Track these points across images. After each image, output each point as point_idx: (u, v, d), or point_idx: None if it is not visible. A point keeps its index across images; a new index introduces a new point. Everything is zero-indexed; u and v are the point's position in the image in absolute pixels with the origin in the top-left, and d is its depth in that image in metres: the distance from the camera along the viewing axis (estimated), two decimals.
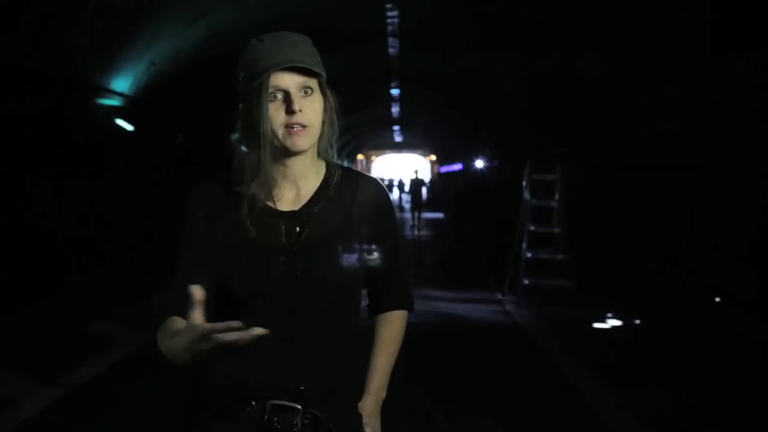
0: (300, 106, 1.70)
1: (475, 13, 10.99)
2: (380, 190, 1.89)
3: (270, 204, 1.79)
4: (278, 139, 1.72)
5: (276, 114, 1.71)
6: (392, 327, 2.00)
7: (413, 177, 22.94)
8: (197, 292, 1.51)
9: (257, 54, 1.72)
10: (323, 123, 1.78)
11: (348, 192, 1.84)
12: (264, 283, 1.72)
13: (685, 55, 8.85)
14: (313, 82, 1.73)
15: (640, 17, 9.11)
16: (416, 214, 22.00)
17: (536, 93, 14.24)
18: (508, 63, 13.35)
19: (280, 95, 1.71)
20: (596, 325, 8.25)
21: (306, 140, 1.73)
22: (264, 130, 1.71)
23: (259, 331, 1.44)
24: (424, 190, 27.96)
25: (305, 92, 1.72)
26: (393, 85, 18.86)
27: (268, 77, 1.69)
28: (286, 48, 1.71)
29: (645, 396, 5.55)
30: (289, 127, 1.71)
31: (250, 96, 1.71)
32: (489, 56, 13.29)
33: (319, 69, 1.73)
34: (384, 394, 1.96)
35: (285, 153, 1.75)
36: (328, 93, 1.78)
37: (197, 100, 13.11)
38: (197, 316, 1.50)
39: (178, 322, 1.67)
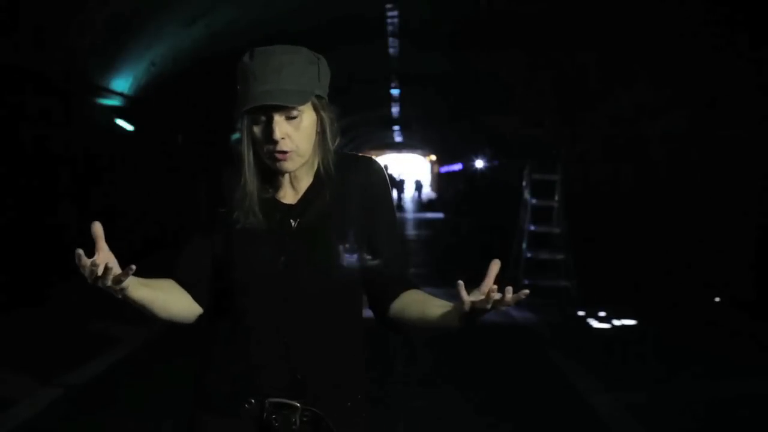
0: (283, 134, 1.68)
1: (475, 13, 10.99)
2: (374, 171, 1.83)
3: (269, 196, 1.80)
4: (267, 161, 1.73)
5: (261, 139, 1.71)
6: (418, 293, 1.84)
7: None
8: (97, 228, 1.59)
9: (244, 76, 1.70)
10: (318, 138, 1.75)
11: (341, 176, 1.80)
12: (257, 271, 1.73)
13: (686, 55, 8.85)
14: (300, 106, 1.69)
15: (641, 17, 9.11)
16: None
17: (537, 92, 14.24)
18: (509, 62, 13.35)
19: (264, 118, 1.69)
20: (596, 325, 8.24)
21: (292, 163, 1.73)
22: (245, 158, 1.73)
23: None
24: (410, 187, 27.12)
25: (290, 116, 1.69)
26: (393, 85, 18.83)
27: (248, 112, 1.68)
28: (269, 75, 1.67)
29: (645, 396, 5.55)
30: (274, 152, 1.70)
31: (239, 116, 1.71)
32: (489, 55, 13.28)
33: (301, 98, 1.68)
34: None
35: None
36: (322, 110, 1.74)
37: (197, 100, 13.10)
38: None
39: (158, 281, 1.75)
